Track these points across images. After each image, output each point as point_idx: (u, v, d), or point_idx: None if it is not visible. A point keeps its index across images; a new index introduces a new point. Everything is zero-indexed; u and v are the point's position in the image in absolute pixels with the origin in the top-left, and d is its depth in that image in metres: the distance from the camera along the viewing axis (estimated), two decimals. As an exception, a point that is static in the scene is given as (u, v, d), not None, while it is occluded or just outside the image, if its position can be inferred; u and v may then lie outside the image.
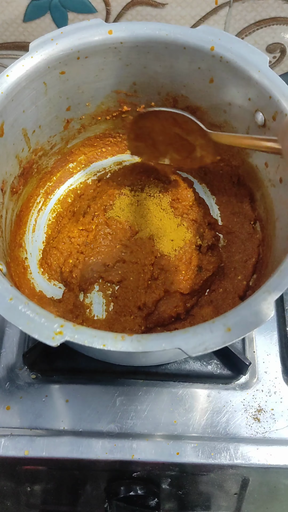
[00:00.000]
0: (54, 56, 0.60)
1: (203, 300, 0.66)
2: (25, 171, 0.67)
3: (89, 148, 0.78)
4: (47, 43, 0.60)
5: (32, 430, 0.61)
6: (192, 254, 0.67)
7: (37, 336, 0.43)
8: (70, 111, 0.69)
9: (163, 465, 0.59)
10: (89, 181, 0.77)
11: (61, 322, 0.44)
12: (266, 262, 0.62)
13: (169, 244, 0.68)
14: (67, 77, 0.63)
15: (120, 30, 0.61)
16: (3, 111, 0.57)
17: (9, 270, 0.57)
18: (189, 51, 0.61)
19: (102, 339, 0.43)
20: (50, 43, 0.60)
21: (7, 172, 0.62)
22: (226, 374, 0.64)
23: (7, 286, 0.47)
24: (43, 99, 0.63)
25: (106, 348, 0.42)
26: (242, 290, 0.64)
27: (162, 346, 0.43)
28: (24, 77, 0.58)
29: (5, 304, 0.45)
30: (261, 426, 0.61)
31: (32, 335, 0.43)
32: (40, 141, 0.68)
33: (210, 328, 0.44)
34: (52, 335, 0.43)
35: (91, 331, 0.44)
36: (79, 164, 0.78)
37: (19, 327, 0.44)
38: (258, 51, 0.59)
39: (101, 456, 0.58)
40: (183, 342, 0.43)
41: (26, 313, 0.45)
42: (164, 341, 0.43)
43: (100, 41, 0.61)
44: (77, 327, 0.44)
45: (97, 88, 0.68)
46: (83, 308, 0.66)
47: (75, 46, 0.61)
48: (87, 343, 0.43)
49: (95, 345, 0.43)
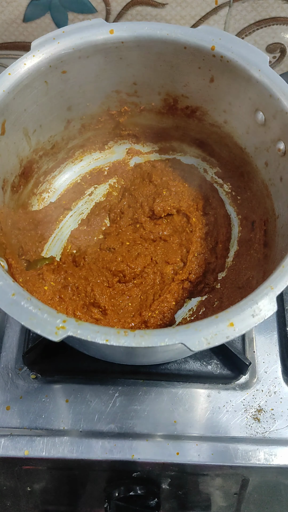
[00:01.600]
0: (55, 55, 0.60)
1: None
2: (25, 170, 0.67)
3: (89, 148, 0.78)
4: (49, 42, 0.60)
5: (32, 430, 0.61)
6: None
7: (40, 332, 0.43)
8: (71, 110, 0.69)
9: (163, 465, 0.58)
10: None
11: (64, 317, 0.44)
12: (268, 258, 0.62)
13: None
14: (68, 76, 0.63)
15: (121, 30, 0.61)
16: (4, 109, 0.57)
17: (10, 268, 0.57)
18: (189, 51, 0.61)
19: (105, 335, 0.43)
20: (52, 42, 0.60)
21: (8, 171, 0.62)
22: (226, 374, 0.64)
23: (9, 282, 0.47)
24: (44, 98, 0.63)
25: (109, 343, 0.42)
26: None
27: (165, 341, 0.43)
28: (25, 75, 0.59)
29: (7, 299, 0.45)
30: (261, 426, 0.61)
31: (34, 330, 0.43)
32: (41, 141, 0.68)
33: (213, 323, 0.44)
34: (55, 330, 0.43)
35: (94, 327, 0.44)
36: (79, 164, 0.78)
37: (22, 322, 0.44)
38: (258, 50, 0.59)
39: (101, 456, 0.58)
40: (186, 337, 0.43)
41: (29, 308, 0.44)
42: (167, 336, 0.43)
43: (101, 40, 0.61)
44: (79, 323, 0.44)
45: (97, 87, 0.68)
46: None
47: (76, 45, 0.61)
48: (90, 338, 0.43)
49: (97, 340, 0.43)
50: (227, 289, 0.67)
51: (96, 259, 0.68)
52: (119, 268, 0.66)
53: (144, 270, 0.68)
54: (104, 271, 0.67)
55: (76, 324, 0.43)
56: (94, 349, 0.58)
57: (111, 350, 0.56)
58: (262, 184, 0.64)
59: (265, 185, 0.64)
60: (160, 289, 0.67)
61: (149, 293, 0.67)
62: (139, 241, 0.70)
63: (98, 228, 0.73)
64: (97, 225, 0.73)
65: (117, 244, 0.70)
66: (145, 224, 0.72)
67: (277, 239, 0.58)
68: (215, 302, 0.67)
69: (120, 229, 0.72)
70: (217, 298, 0.67)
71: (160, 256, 0.69)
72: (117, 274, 0.67)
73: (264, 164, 0.63)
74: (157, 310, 0.65)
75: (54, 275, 0.65)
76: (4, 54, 0.83)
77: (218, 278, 0.69)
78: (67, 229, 0.74)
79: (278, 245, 0.56)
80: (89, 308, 0.64)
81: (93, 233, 0.73)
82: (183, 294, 0.67)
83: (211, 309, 0.66)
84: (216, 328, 0.43)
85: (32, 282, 0.62)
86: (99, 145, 0.79)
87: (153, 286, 0.67)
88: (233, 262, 0.70)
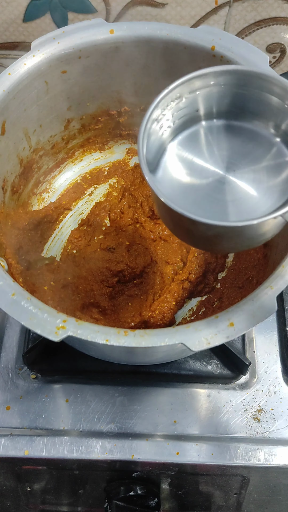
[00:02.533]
0: (55, 55, 0.60)
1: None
2: (25, 170, 0.67)
3: (89, 148, 0.78)
4: (49, 42, 0.60)
5: (32, 430, 0.61)
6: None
7: (40, 331, 0.43)
8: (71, 110, 0.69)
9: (163, 465, 0.58)
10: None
11: (64, 317, 0.44)
12: (268, 258, 0.62)
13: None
14: (68, 76, 0.63)
15: (121, 29, 0.61)
16: (4, 109, 0.58)
17: (10, 268, 0.57)
18: (189, 51, 0.61)
19: (105, 334, 0.43)
20: (52, 42, 0.60)
21: (8, 171, 0.62)
22: (226, 374, 0.64)
23: (9, 282, 0.47)
24: (45, 98, 0.63)
25: (109, 343, 0.42)
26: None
27: (165, 341, 0.43)
28: (25, 75, 0.59)
29: (7, 299, 0.45)
30: (261, 426, 0.61)
31: (34, 330, 0.43)
32: (41, 141, 0.68)
33: (213, 323, 0.44)
34: (55, 330, 0.43)
35: (94, 327, 0.44)
36: (79, 164, 0.78)
37: (22, 322, 0.44)
38: (258, 50, 0.58)
39: (101, 456, 0.58)
40: (186, 337, 0.43)
41: (29, 308, 0.44)
42: (166, 336, 0.43)
43: (102, 40, 0.61)
44: (80, 322, 0.44)
45: (98, 87, 0.68)
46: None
47: (76, 45, 0.61)
48: (90, 338, 0.43)
49: (98, 340, 0.43)
50: (227, 289, 0.67)
51: (96, 259, 0.68)
52: (119, 268, 0.66)
53: (144, 270, 0.68)
54: (104, 271, 0.67)
55: (76, 324, 0.44)
56: (94, 349, 0.58)
57: (111, 350, 0.55)
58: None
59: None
60: (160, 289, 0.67)
61: (149, 293, 0.67)
62: (139, 241, 0.70)
63: (98, 228, 0.73)
64: (97, 225, 0.73)
65: (117, 244, 0.70)
66: (145, 224, 0.72)
67: (277, 239, 0.58)
68: (215, 302, 0.67)
69: (120, 229, 0.72)
70: (217, 298, 0.67)
71: (160, 256, 0.69)
72: (117, 274, 0.67)
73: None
74: (157, 310, 0.65)
75: (54, 275, 0.65)
76: (4, 54, 0.82)
77: (218, 278, 0.69)
78: (67, 229, 0.74)
79: (278, 245, 0.56)
80: (89, 308, 0.64)
81: (93, 233, 0.73)
82: (183, 294, 0.67)
83: (211, 309, 0.66)
84: (216, 328, 0.43)
85: (32, 282, 0.62)
86: (99, 145, 0.79)
87: (153, 286, 0.67)
88: (233, 262, 0.70)
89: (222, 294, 0.67)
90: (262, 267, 0.63)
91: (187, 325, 0.44)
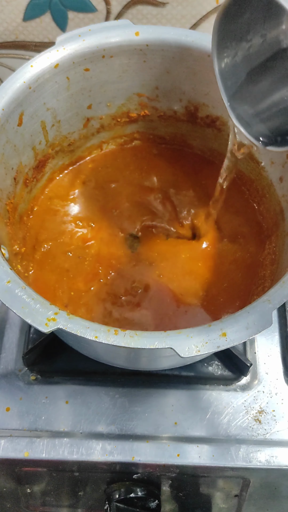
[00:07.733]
0: (79, 52, 0.60)
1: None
2: (40, 164, 0.66)
3: (106, 149, 0.77)
4: (74, 38, 0.60)
5: (32, 431, 0.61)
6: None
7: (30, 321, 0.43)
8: (91, 109, 0.68)
9: (163, 467, 0.58)
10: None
11: (56, 310, 0.44)
12: (273, 274, 0.61)
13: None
14: (91, 74, 0.63)
15: (147, 32, 0.61)
16: (23, 100, 0.57)
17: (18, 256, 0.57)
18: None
19: (95, 331, 0.43)
20: (77, 39, 0.60)
21: (22, 163, 0.62)
22: (227, 375, 0.64)
23: (6, 269, 0.46)
24: (65, 94, 0.63)
25: (98, 340, 0.42)
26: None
27: (154, 344, 0.42)
28: (47, 69, 0.58)
29: (2, 286, 0.45)
30: (262, 428, 0.61)
31: (25, 319, 0.43)
32: (58, 136, 0.67)
33: (204, 331, 0.43)
34: (45, 322, 0.43)
35: (85, 322, 0.43)
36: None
37: (13, 310, 0.44)
38: None
39: (101, 458, 0.58)
40: (176, 342, 0.42)
41: (22, 297, 0.44)
42: (157, 340, 0.42)
43: (126, 41, 0.61)
44: (71, 317, 0.43)
45: (119, 88, 0.67)
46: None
47: (101, 44, 0.60)
48: (79, 333, 0.42)
49: (87, 336, 0.42)
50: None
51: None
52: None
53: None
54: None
55: (67, 318, 0.43)
56: (88, 347, 0.57)
57: (105, 350, 0.55)
58: (275, 200, 0.64)
59: (278, 201, 0.63)
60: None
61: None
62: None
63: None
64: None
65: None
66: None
67: (284, 256, 0.57)
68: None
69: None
70: None
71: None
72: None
73: (278, 180, 0.62)
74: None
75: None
76: (4, 54, 0.82)
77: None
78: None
79: (284, 261, 0.56)
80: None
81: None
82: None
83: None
84: (207, 336, 0.43)
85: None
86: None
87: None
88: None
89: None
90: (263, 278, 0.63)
91: (179, 331, 0.43)
